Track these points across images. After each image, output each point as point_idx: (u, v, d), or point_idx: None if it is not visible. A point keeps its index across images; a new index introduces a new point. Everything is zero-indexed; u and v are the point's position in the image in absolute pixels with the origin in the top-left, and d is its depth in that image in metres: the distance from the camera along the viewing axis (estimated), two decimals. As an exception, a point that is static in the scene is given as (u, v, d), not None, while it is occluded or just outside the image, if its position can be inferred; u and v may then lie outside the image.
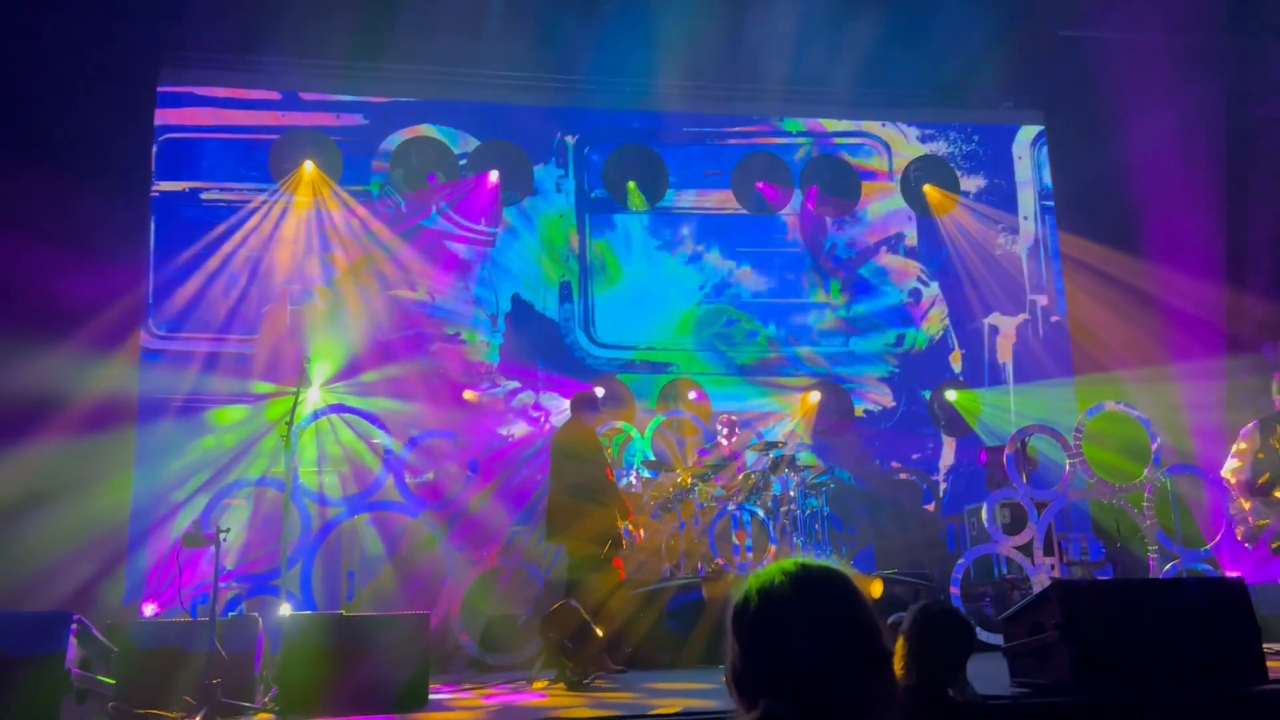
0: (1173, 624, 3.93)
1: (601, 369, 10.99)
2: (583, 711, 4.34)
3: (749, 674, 1.44)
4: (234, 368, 9.73)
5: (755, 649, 1.44)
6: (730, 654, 1.48)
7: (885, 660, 1.45)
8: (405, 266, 10.68)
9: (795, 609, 1.44)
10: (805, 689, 1.38)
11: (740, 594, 1.50)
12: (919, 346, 11.54)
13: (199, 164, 10.59)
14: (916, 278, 11.71)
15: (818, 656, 1.40)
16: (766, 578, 1.49)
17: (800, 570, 1.49)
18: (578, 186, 11.39)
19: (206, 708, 4.38)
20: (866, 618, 1.47)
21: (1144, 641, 3.91)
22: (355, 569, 7.83)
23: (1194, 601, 4.06)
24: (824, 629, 1.42)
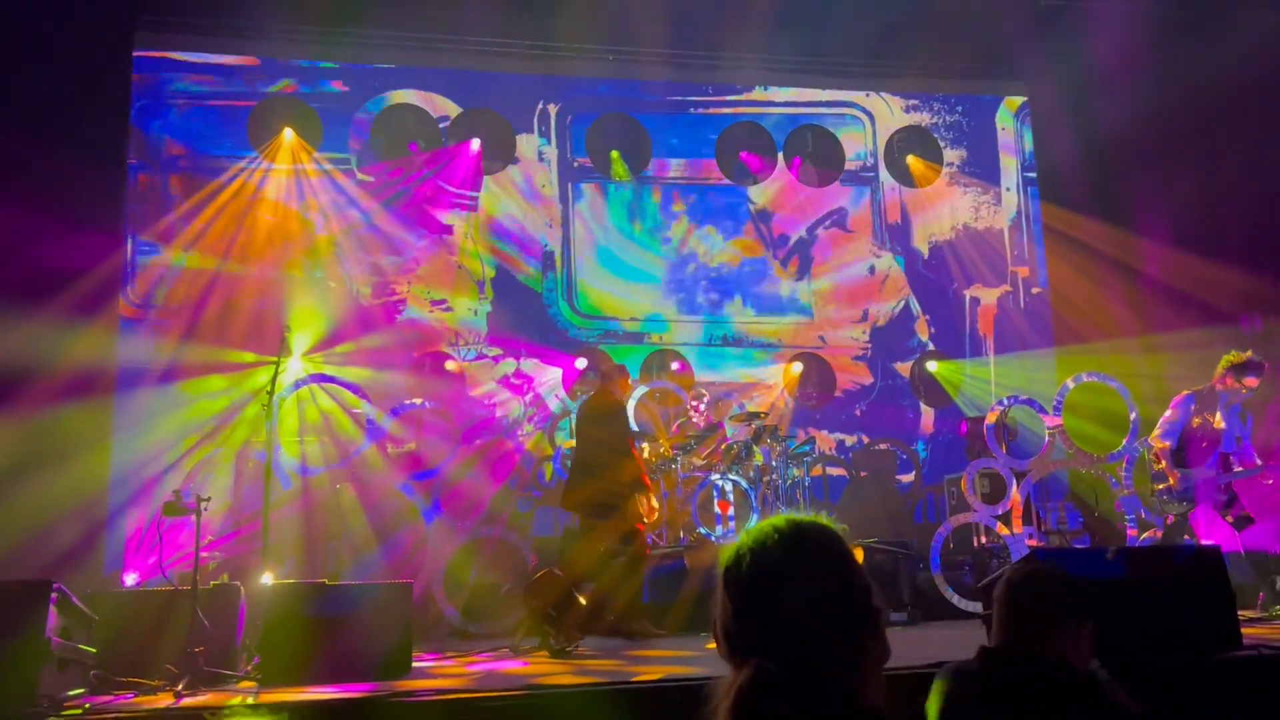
0: (1149, 592, 3.98)
1: (584, 339, 10.98)
2: (565, 679, 4.37)
3: (739, 631, 1.44)
4: (213, 337, 9.65)
5: (746, 606, 1.45)
6: (721, 611, 1.48)
7: (876, 618, 1.45)
8: (386, 234, 10.61)
9: (787, 566, 1.44)
10: (796, 646, 1.39)
11: (731, 551, 1.50)
12: (881, 320, 11.56)
13: (176, 132, 10.44)
14: (870, 250, 11.69)
15: (808, 614, 1.40)
16: (758, 535, 1.49)
17: (792, 527, 1.49)
18: (560, 155, 11.31)
19: (189, 676, 4.38)
20: (858, 575, 1.47)
21: (1120, 609, 3.95)
22: (337, 538, 7.82)
23: (1170, 570, 4.11)
24: (815, 586, 1.42)
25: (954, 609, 7.56)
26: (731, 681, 1.40)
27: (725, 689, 1.40)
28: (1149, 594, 4.02)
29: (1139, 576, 4.08)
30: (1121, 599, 4.03)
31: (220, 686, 4.54)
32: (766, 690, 1.36)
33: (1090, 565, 4.16)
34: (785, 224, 11.63)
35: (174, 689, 4.27)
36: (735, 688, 1.38)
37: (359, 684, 4.37)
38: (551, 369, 10.59)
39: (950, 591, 7.64)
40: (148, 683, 4.41)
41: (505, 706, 3.67)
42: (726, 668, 1.44)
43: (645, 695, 3.78)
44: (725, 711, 1.37)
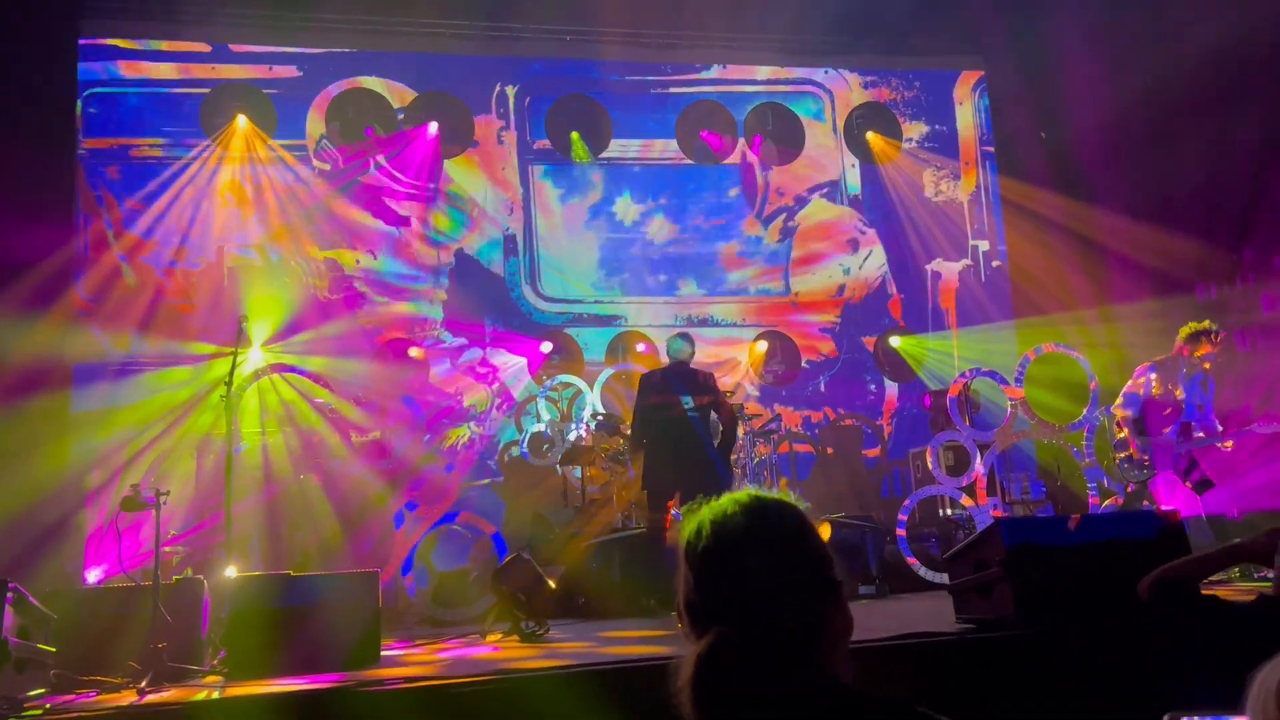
0: (1112, 558, 4.03)
1: (549, 323, 10.93)
2: (535, 663, 4.35)
3: (701, 602, 1.45)
4: (170, 329, 9.50)
5: (707, 577, 1.45)
6: (683, 584, 1.48)
7: (837, 589, 1.45)
8: (344, 222, 10.48)
9: (748, 538, 1.44)
10: (756, 617, 1.39)
11: (693, 524, 1.50)
12: (858, 295, 11.63)
13: (127, 119, 10.24)
14: (855, 226, 11.76)
15: (769, 584, 1.41)
16: (720, 508, 1.50)
17: (754, 501, 1.49)
18: (520, 138, 11.22)
19: (152, 672, 4.31)
20: (818, 548, 1.48)
21: (1084, 576, 4.00)
22: (303, 529, 7.75)
23: (1131, 536, 4.16)
24: (776, 558, 1.43)
25: (921, 581, 7.64)
26: (693, 651, 1.39)
27: (687, 660, 1.39)
28: (1111, 560, 4.07)
29: (1101, 543, 4.13)
30: (1084, 565, 4.08)
31: (185, 682, 4.48)
32: (726, 657, 1.36)
33: (1053, 534, 4.20)
34: (776, 187, 11.64)
35: (137, 686, 4.21)
36: (695, 657, 1.38)
37: (327, 675, 4.33)
38: (516, 353, 10.54)
39: (917, 564, 7.72)
40: (110, 680, 4.34)
41: (475, 692, 3.65)
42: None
43: (615, 676, 3.78)
44: (686, 681, 1.37)
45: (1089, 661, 3.70)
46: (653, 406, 6.86)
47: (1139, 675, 3.39)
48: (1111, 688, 3.48)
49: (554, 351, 10.60)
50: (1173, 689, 2.54)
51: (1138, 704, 2.56)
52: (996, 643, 3.97)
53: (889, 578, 7.76)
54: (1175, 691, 2.38)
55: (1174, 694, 2.21)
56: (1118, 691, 3.43)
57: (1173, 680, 2.51)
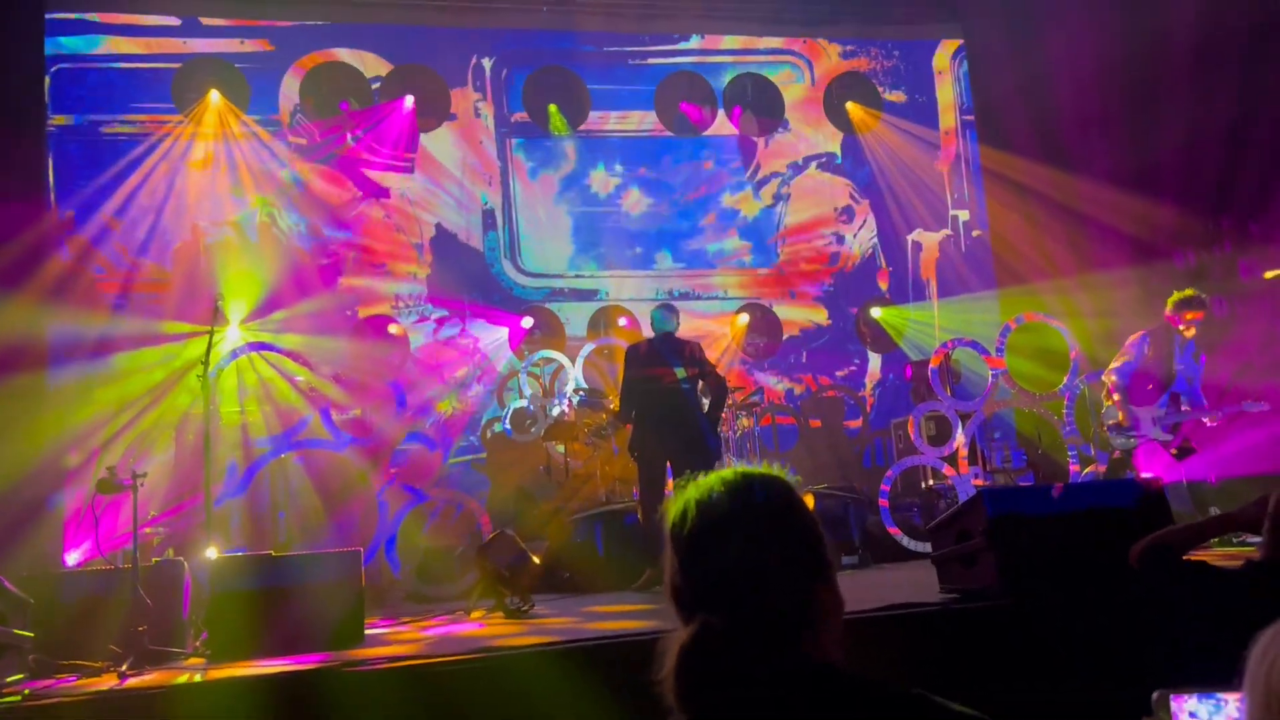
0: (1094, 526, 4.05)
1: (530, 298, 10.86)
2: (520, 640, 4.34)
3: (687, 588, 1.40)
4: (146, 308, 9.39)
5: (693, 562, 1.40)
6: (668, 568, 1.43)
7: (826, 570, 1.41)
8: (320, 198, 10.36)
9: (734, 519, 1.39)
10: (744, 601, 1.35)
11: (678, 505, 1.45)
12: (850, 265, 11.62)
13: (97, 96, 10.05)
14: (849, 195, 11.73)
15: (756, 569, 1.36)
16: (705, 488, 1.44)
17: (740, 479, 1.44)
18: (497, 111, 11.10)
19: (133, 656, 4.28)
20: (808, 526, 1.43)
21: (1067, 545, 4.02)
22: (285, 508, 7.70)
23: (1113, 503, 4.18)
24: (764, 539, 1.38)
25: (904, 551, 7.68)
26: (678, 640, 1.36)
27: (672, 648, 1.36)
28: (1094, 528, 4.08)
29: (1083, 511, 4.14)
30: (1067, 534, 4.09)
31: (166, 664, 4.45)
32: (711, 648, 1.32)
33: (1036, 503, 4.21)
34: (772, 152, 11.59)
35: (118, 670, 4.17)
36: (679, 646, 1.34)
37: (310, 655, 4.30)
38: (498, 329, 10.48)
39: (900, 534, 7.76)
40: (90, 665, 4.30)
41: (459, 670, 3.63)
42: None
43: (600, 652, 3.77)
44: (671, 670, 1.34)
45: (1073, 630, 3.72)
46: (641, 379, 6.82)
47: (1123, 644, 3.41)
48: (1095, 656, 3.50)
49: (535, 327, 10.55)
50: (1160, 656, 2.55)
51: (1122, 672, 2.57)
52: (981, 612, 3.98)
53: (871, 548, 7.80)
54: (1163, 658, 2.38)
55: (1161, 661, 2.21)
56: (1102, 659, 3.45)
57: (1160, 647, 2.51)
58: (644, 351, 6.95)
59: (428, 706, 3.53)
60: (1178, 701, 1.87)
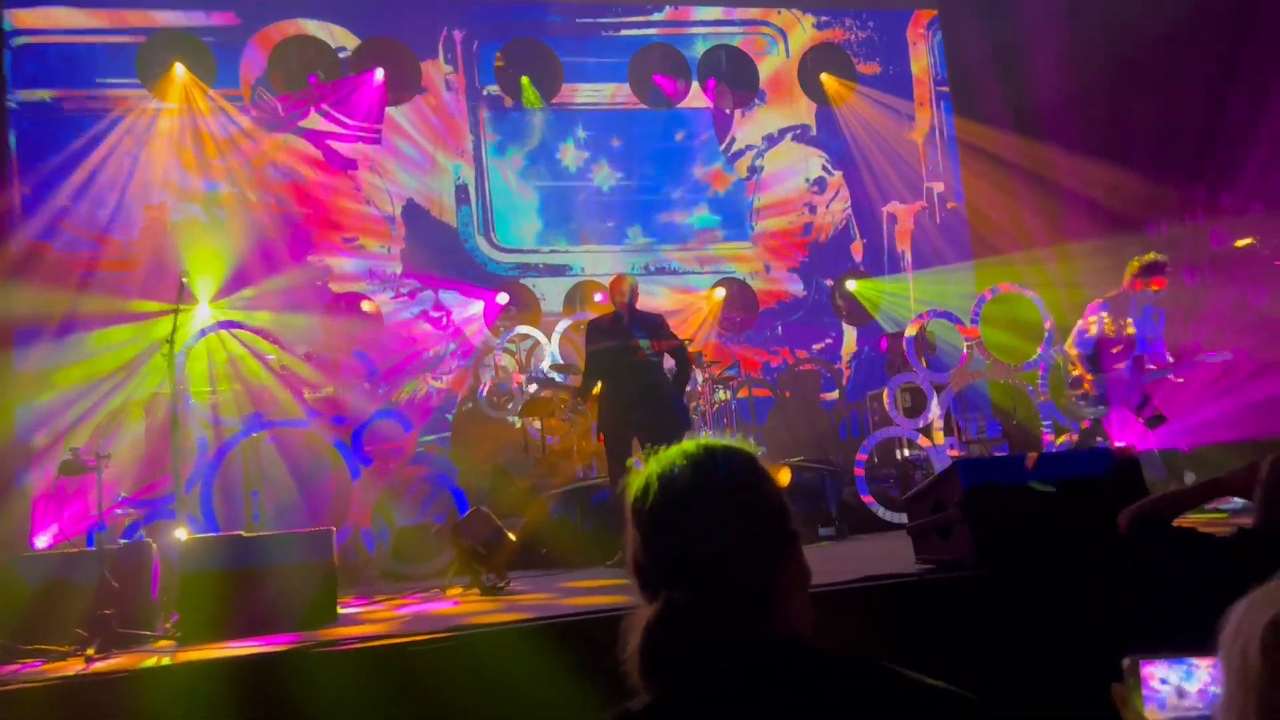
0: (1069, 496, 4.05)
1: (504, 273, 10.77)
2: (494, 617, 4.31)
3: (650, 564, 1.37)
4: (112, 286, 9.23)
5: (656, 539, 1.36)
6: (630, 544, 1.40)
7: (791, 543, 1.38)
8: (288, 171, 10.21)
9: (697, 495, 1.35)
10: (708, 577, 1.31)
11: (640, 480, 1.40)
12: (824, 236, 11.59)
13: (60, 70, 9.84)
14: (822, 166, 11.69)
15: (720, 544, 1.33)
16: (667, 462, 1.40)
17: (702, 452, 1.40)
18: (469, 84, 10.95)
19: (100, 639, 4.21)
20: (773, 497, 1.39)
21: (1041, 514, 4.02)
22: (258, 488, 7.61)
23: (1087, 473, 4.18)
24: (727, 512, 1.34)
25: (881, 522, 7.70)
26: (641, 618, 1.32)
27: (636, 626, 1.32)
28: (1068, 497, 4.09)
29: (1057, 481, 4.14)
30: (1041, 504, 4.09)
31: (135, 648, 4.38)
32: (676, 624, 1.29)
33: (1010, 473, 4.21)
34: (746, 125, 11.50)
35: (84, 654, 4.11)
36: (643, 625, 1.30)
37: (282, 636, 4.25)
38: (472, 304, 10.39)
39: (876, 505, 7.77)
40: (57, 649, 4.23)
41: (431, 650, 3.60)
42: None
43: (575, 629, 3.74)
44: (635, 650, 1.30)
45: (1049, 599, 3.72)
46: (604, 351, 6.75)
47: (1099, 612, 3.41)
48: (1071, 624, 3.50)
49: (510, 303, 10.47)
50: (1142, 624, 2.54)
51: (1098, 640, 2.56)
52: (957, 583, 3.98)
53: (848, 519, 7.81)
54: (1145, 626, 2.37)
55: (1144, 629, 2.19)
56: (1077, 628, 3.45)
57: (1145, 614, 2.49)
58: (606, 325, 6.86)
59: (399, 686, 3.49)
60: (1148, 667, 1.86)
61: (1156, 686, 1.85)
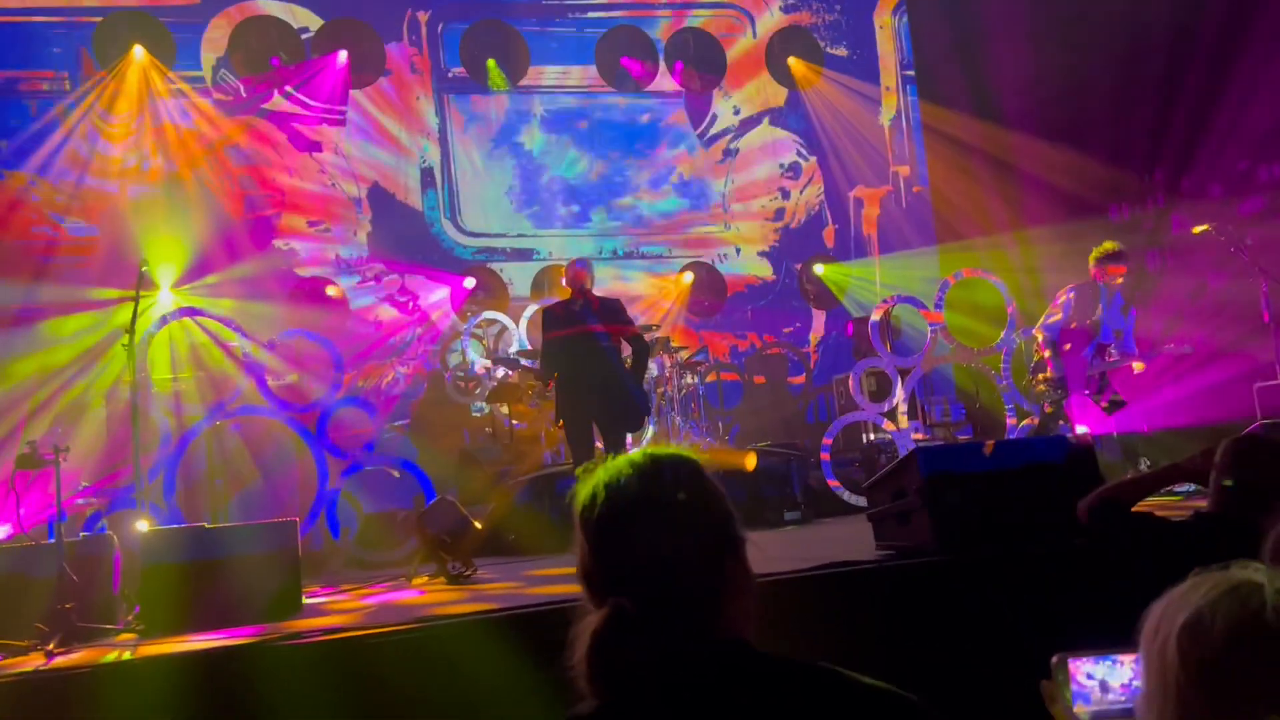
0: (1025, 482, 4.11)
1: (470, 258, 10.72)
2: (459, 608, 4.32)
3: (597, 571, 1.40)
4: (70, 273, 9.10)
5: (603, 547, 1.40)
6: (579, 551, 1.42)
7: (735, 549, 1.41)
8: (250, 156, 10.08)
9: (642, 503, 1.39)
10: (655, 584, 1.34)
11: (587, 490, 1.43)
12: (796, 222, 11.62)
13: (15, 51, 9.66)
14: (796, 151, 11.71)
15: (665, 551, 1.36)
16: (613, 471, 1.43)
17: (649, 462, 1.43)
18: (434, 66, 10.86)
19: (60, 634, 4.17)
20: (716, 506, 1.43)
21: (999, 501, 4.07)
22: (221, 476, 7.55)
23: (1043, 460, 4.24)
24: (671, 522, 1.37)
25: (846, 505, 7.77)
26: (589, 624, 1.34)
27: (584, 631, 1.34)
28: (1025, 484, 4.15)
29: (1015, 469, 4.20)
30: (999, 490, 4.15)
31: (97, 642, 4.35)
32: (623, 631, 1.31)
33: (968, 461, 4.26)
34: (716, 108, 11.47)
35: (44, 649, 4.07)
36: (591, 631, 1.33)
37: (246, 628, 4.24)
38: (438, 288, 10.34)
39: (841, 489, 7.84)
40: (15, 644, 4.19)
41: (395, 641, 3.60)
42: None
43: (539, 619, 3.75)
44: (583, 655, 1.32)
45: (1003, 587, 3.78)
46: (560, 339, 6.72)
47: (1049, 601, 3.48)
48: (1024, 613, 3.57)
49: (477, 287, 10.43)
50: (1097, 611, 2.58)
51: (1053, 629, 2.61)
52: (915, 569, 4.04)
53: (814, 503, 7.87)
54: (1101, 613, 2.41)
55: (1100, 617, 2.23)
56: (1031, 617, 3.51)
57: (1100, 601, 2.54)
58: (560, 312, 6.83)
59: (364, 678, 3.49)
60: (1075, 664, 1.91)
61: (1083, 682, 1.90)
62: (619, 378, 6.64)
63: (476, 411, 9.35)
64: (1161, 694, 1.17)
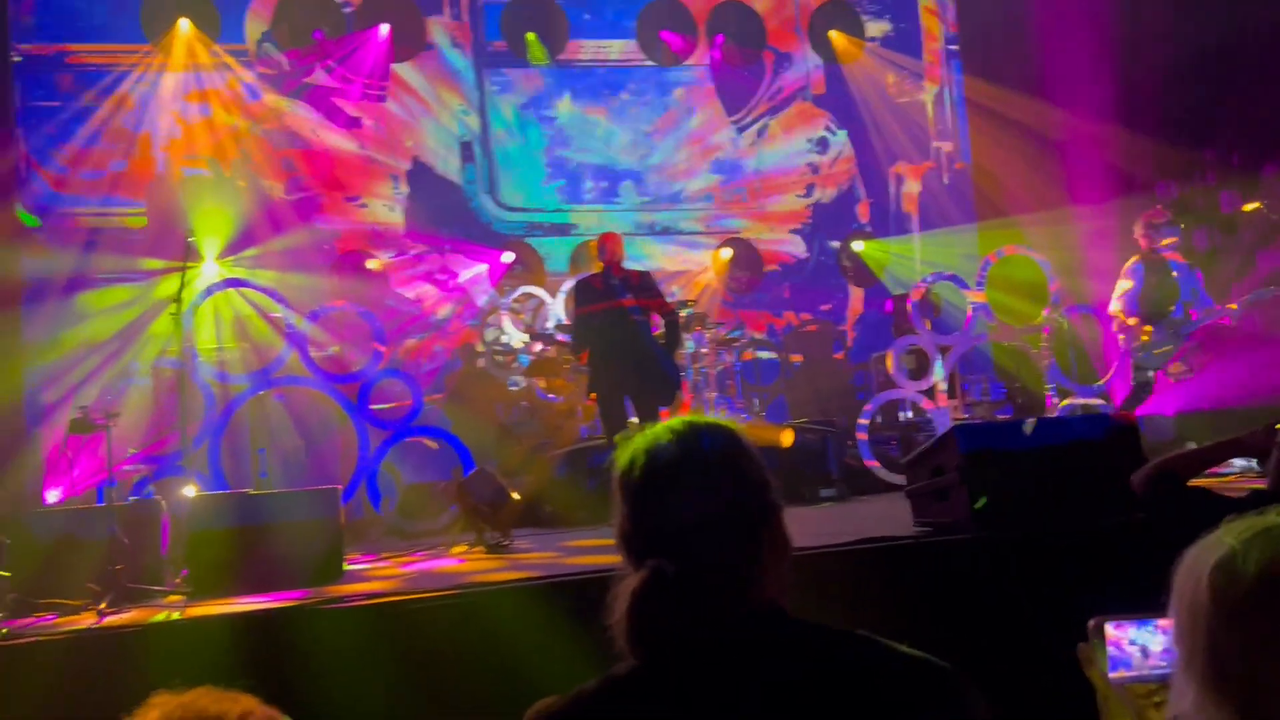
0: (1066, 460, 4.08)
1: (509, 233, 10.76)
2: (499, 575, 4.38)
3: (636, 534, 1.42)
4: (118, 244, 9.26)
5: (642, 509, 1.42)
6: (618, 516, 1.45)
7: (773, 515, 1.43)
8: (292, 129, 10.17)
9: (681, 467, 1.41)
10: (693, 548, 1.37)
11: (626, 454, 1.46)
12: (827, 198, 11.53)
13: (64, 24, 9.79)
14: (824, 127, 11.60)
15: (705, 515, 1.38)
16: (652, 436, 1.46)
17: (687, 428, 1.45)
18: (474, 39, 10.87)
19: (111, 594, 4.29)
20: (754, 473, 1.44)
21: (1039, 478, 4.05)
22: (264, 445, 7.68)
23: (1084, 438, 4.21)
24: (710, 486, 1.39)
25: (883, 483, 7.74)
26: (628, 585, 1.37)
27: (623, 592, 1.37)
28: (1065, 462, 4.12)
29: (1055, 446, 4.17)
30: (1039, 468, 4.12)
31: (145, 603, 4.47)
32: (662, 590, 1.34)
33: (1008, 438, 4.24)
34: (754, 82, 11.40)
35: (96, 608, 4.19)
36: (630, 592, 1.35)
37: (289, 592, 4.32)
38: (477, 263, 10.39)
39: (879, 466, 7.82)
40: (69, 603, 4.32)
41: (436, 607, 3.66)
42: None
43: (577, 587, 3.80)
44: (622, 614, 1.35)
45: (1041, 564, 3.77)
46: (593, 312, 6.72)
47: (1092, 575, 3.46)
48: (1062, 590, 3.55)
49: (515, 262, 10.47)
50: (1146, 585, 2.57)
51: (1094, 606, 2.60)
52: (953, 545, 4.03)
53: (850, 481, 7.86)
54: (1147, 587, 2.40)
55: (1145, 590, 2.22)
56: (1069, 594, 3.49)
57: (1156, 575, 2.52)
58: (595, 285, 6.82)
59: (405, 642, 3.56)
60: (1114, 628, 1.91)
61: (1122, 646, 1.90)
62: (652, 351, 6.62)
63: (513, 386, 9.40)
64: (1193, 633, 1.19)
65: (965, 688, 1.32)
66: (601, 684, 1.36)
